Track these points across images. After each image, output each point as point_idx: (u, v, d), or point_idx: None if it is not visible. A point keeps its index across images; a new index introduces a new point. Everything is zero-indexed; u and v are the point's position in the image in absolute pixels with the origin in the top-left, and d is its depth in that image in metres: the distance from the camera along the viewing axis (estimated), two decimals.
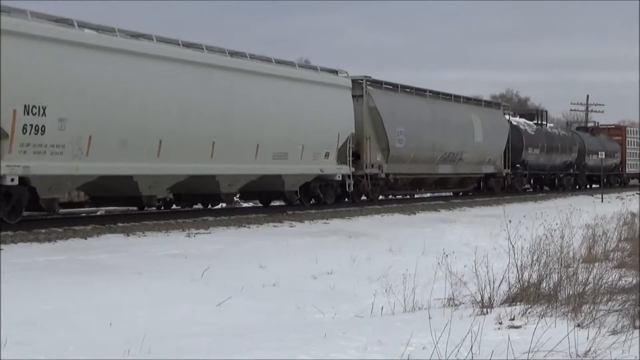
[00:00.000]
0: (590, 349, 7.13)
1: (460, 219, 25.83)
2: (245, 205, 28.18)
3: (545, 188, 49.58)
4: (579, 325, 8.12)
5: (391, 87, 31.90)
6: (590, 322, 8.19)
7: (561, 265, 10.62)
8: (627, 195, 42.03)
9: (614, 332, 7.78)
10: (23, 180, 16.89)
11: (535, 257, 10.61)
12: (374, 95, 29.83)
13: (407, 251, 16.04)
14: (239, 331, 8.61)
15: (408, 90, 33.16)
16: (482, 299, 9.38)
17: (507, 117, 42.07)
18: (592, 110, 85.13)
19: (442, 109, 34.80)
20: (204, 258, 14.18)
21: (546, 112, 50.26)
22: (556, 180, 49.84)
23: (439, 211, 29.04)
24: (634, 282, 10.41)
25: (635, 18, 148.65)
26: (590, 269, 10.35)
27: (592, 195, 42.11)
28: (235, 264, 13.87)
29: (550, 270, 10.20)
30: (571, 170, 51.10)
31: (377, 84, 30.79)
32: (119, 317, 9.21)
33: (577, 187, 52.47)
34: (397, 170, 31.20)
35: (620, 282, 10.25)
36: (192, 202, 24.93)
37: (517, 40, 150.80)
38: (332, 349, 7.50)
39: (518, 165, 42.55)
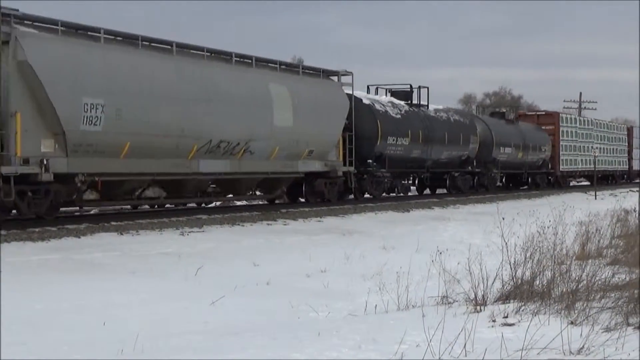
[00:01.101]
0: (583, 347, 7.13)
1: (453, 216, 25.86)
2: (238, 203, 28.16)
3: (425, 192, 38.21)
4: (572, 323, 8.12)
5: (76, 30, 19.19)
6: (584, 320, 8.20)
7: (554, 262, 10.62)
8: (620, 192, 41.95)
9: (608, 330, 7.79)
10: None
11: (528, 255, 10.61)
12: (29, 43, 17.42)
13: (401, 249, 16.05)
14: (233, 330, 8.60)
15: (122, 37, 20.45)
16: (475, 297, 9.39)
17: (349, 92, 28.82)
18: (585, 108, 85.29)
19: (203, 74, 22.10)
20: (198, 257, 14.17)
21: (427, 89, 35.87)
22: (448, 181, 37.65)
23: (433, 209, 29.07)
24: (627, 279, 10.42)
25: (630, 16, 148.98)
26: (583, 266, 10.35)
27: (586, 192, 42.15)
28: (229, 263, 13.86)
29: (544, 267, 10.20)
30: (469, 168, 38.89)
31: (45, 23, 18.36)
32: (112, 316, 9.20)
33: (484, 188, 40.47)
34: (95, 168, 19.05)
35: (613, 279, 10.26)
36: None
37: (511, 37, 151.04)
38: (325, 347, 7.50)
39: (371, 160, 30.31)
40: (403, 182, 34.12)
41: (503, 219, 11.76)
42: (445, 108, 38.55)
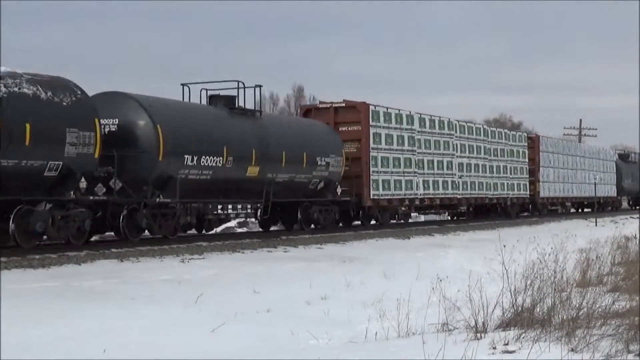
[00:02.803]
0: None
1: (454, 243, 25.84)
2: (239, 230, 28.13)
3: None
4: (573, 350, 8.12)
5: None
6: (584, 347, 8.20)
7: (555, 289, 10.62)
8: (611, 221, 41.87)
9: (608, 357, 7.79)
10: None
11: (529, 282, 10.62)
12: None
13: (401, 276, 16.03)
14: (233, 357, 8.59)
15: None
16: (476, 324, 9.38)
17: None
18: (585, 135, 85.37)
19: None
20: (198, 284, 14.16)
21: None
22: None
23: (433, 235, 29.06)
24: (628, 306, 10.42)
25: (629, 42, 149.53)
26: (584, 294, 10.36)
27: (586, 219, 42.14)
28: (229, 290, 13.85)
29: (544, 294, 10.21)
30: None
31: None
32: (112, 343, 9.19)
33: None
34: None
35: (614, 306, 10.25)
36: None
37: (511, 64, 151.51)
38: None
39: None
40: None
41: (504, 246, 11.78)
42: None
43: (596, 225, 37.41)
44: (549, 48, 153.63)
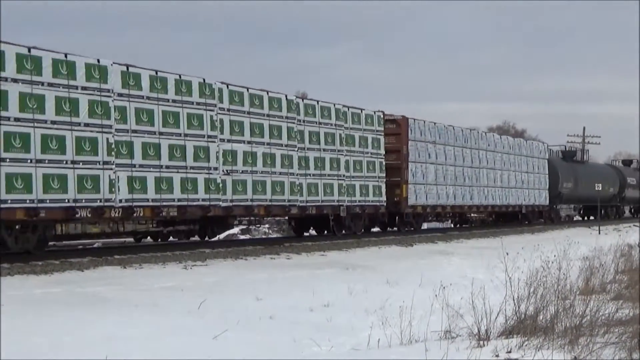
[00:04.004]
0: None
1: (457, 251, 25.81)
2: (242, 237, 28.13)
3: None
4: (575, 358, 8.11)
5: None
6: (587, 355, 8.18)
7: (558, 297, 10.61)
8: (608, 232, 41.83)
9: None
10: None
11: (532, 290, 10.60)
12: None
13: (404, 283, 16.01)
14: None
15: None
16: (479, 332, 9.37)
17: None
18: (588, 142, 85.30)
19: None
20: (201, 290, 14.14)
21: None
22: None
23: (436, 243, 29.01)
24: (631, 314, 10.39)
25: (632, 51, 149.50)
26: (587, 301, 10.34)
27: (590, 227, 42.08)
28: (232, 297, 13.83)
29: (547, 302, 10.19)
30: None
31: None
32: (115, 350, 9.18)
33: None
34: None
35: (617, 314, 10.23)
36: None
37: (515, 72, 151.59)
38: None
39: None
40: None
41: (507, 253, 11.76)
42: None
43: (599, 233, 37.37)
44: (554, 56, 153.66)
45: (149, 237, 24.82)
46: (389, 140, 30.55)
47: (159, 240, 24.04)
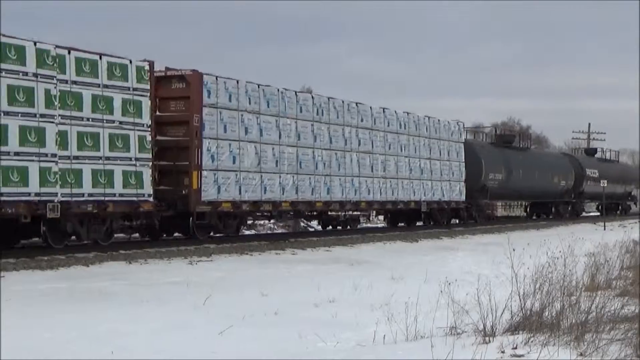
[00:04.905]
0: None
1: (462, 246, 25.80)
2: (247, 233, 28.13)
3: None
4: (581, 354, 8.09)
5: None
6: (593, 351, 8.17)
7: (564, 293, 10.59)
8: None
9: None
10: None
11: (537, 286, 10.57)
12: None
13: (409, 279, 16.00)
14: None
15: None
16: (484, 328, 9.35)
17: None
18: (593, 139, 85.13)
19: None
20: (206, 286, 14.15)
21: None
22: None
23: (441, 239, 29.01)
24: (637, 311, 10.38)
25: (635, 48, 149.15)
26: (592, 298, 10.32)
27: (595, 223, 41.99)
28: (238, 292, 13.84)
29: (553, 298, 10.17)
30: None
31: None
32: (120, 345, 9.19)
33: None
34: None
35: (622, 310, 10.22)
36: None
37: (519, 68, 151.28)
38: None
39: None
40: None
41: (514, 249, 11.74)
42: None
43: (604, 229, 37.33)
44: (558, 51, 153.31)
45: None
46: (176, 106, 22.25)
47: (164, 235, 24.03)
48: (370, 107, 29.63)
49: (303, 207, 26.05)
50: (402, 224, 34.41)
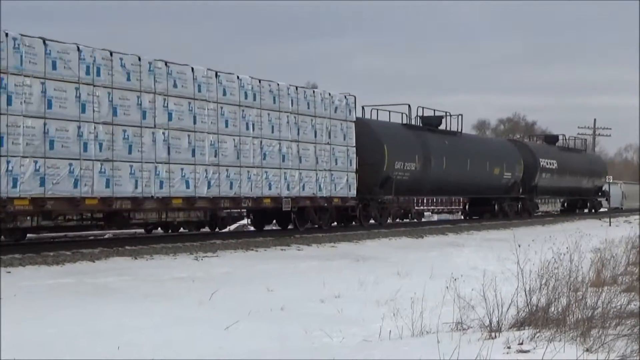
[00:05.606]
0: None
1: (468, 242, 25.78)
2: (252, 228, 28.14)
3: None
4: (587, 350, 8.07)
5: None
6: (599, 347, 8.15)
7: (570, 289, 10.57)
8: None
9: (623, 357, 7.74)
10: None
11: (543, 281, 10.56)
12: None
13: (415, 275, 15.99)
14: (247, 355, 8.58)
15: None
16: (490, 323, 9.34)
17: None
18: (599, 134, 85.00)
19: None
20: (212, 281, 14.16)
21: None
22: None
23: (447, 235, 29.01)
24: None
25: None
26: (599, 293, 10.30)
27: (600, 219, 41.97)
28: (243, 288, 13.85)
29: (559, 294, 10.15)
30: None
31: None
32: (126, 340, 9.19)
33: None
34: None
35: (629, 306, 10.20)
36: None
37: (525, 64, 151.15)
38: None
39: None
40: None
41: (519, 245, 11.72)
42: None
43: (610, 225, 37.30)
44: (564, 47, 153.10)
45: (159, 229, 24.93)
46: None
47: (170, 231, 24.10)
48: (192, 69, 21.69)
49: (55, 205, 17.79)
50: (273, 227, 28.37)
